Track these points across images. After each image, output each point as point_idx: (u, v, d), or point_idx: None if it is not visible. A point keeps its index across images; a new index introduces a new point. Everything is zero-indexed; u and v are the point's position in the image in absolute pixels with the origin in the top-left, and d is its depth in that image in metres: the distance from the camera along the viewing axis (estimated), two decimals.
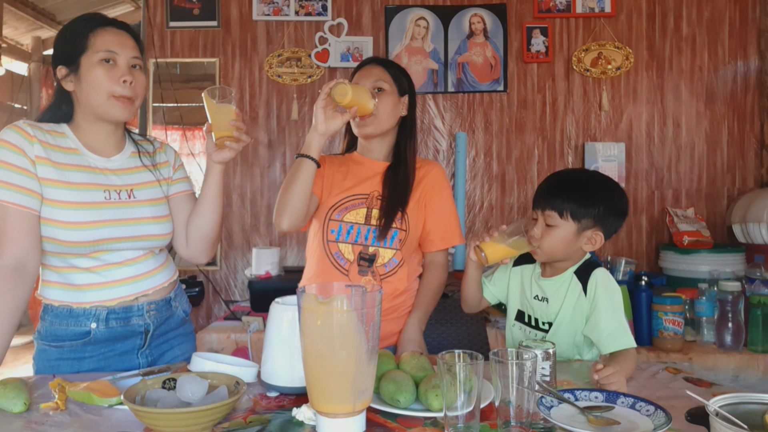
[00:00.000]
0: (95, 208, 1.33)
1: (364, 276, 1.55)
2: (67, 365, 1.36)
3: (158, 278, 1.45)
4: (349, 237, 1.56)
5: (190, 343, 1.58)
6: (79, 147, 1.37)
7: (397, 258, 1.57)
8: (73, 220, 1.30)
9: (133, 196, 1.40)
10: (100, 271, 1.36)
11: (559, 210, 1.40)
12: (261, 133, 3.15)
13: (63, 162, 1.33)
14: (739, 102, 3.13)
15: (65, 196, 1.31)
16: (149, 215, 1.41)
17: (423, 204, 1.62)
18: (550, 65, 3.13)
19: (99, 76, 1.32)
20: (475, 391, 0.93)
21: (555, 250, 1.43)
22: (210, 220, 1.48)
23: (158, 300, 1.45)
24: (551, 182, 1.48)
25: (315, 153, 1.46)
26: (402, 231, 1.57)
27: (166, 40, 3.13)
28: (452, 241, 1.65)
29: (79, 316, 1.36)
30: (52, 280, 1.37)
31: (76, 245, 1.31)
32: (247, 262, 3.12)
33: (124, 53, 1.34)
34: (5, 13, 4.90)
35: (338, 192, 1.60)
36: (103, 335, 1.37)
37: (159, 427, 0.94)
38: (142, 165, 1.47)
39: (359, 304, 0.90)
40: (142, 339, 1.43)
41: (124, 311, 1.39)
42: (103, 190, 1.36)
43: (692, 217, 3.02)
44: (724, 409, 0.83)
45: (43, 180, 1.30)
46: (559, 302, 1.45)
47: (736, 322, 2.29)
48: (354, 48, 3.08)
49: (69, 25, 1.37)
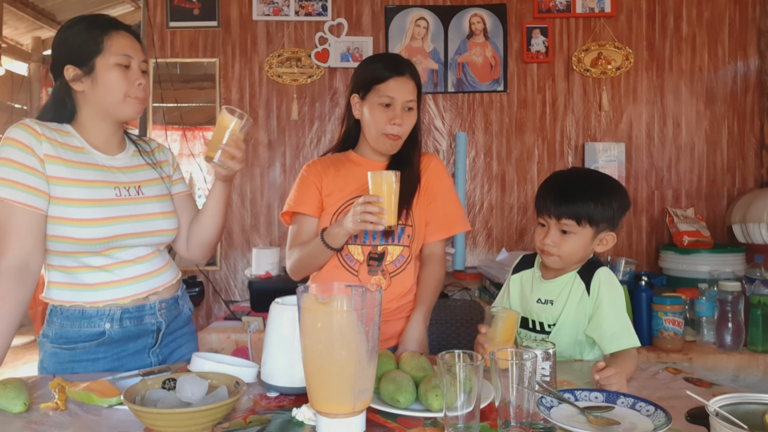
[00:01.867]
0: (107, 205, 1.34)
1: (374, 275, 1.55)
2: (81, 367, 1.36)
3: (166, 276, 1.48)
4: (357, 238, 1.55)
5: (194, 342, 1.61)
6: (84, 146, 1.38)
7: (405, 254, 1.57)
8: (87, 217, 1.31)
9: (141, 193, 1.42)
10: (112, 269, 1.37)
11: (577, 218, 1.37)
12: (261, 133, 3.15)
13: (73, 160, 1.34)
14: (739, 102, 3.13)
15: (77, 194, 1.31)
16: (158, 211, 1.44)
17: (426, 198, 1.61)
18: (550, 65, 3.13)
19: (116, 79, 1.34)
20: (475, 391, 0.93)
21: (573, 257, 1.41)
22: (211, 229, 1.51)
23: (168, 298, 1.47)
24: (560, 188, 1.42)
25: (339, 246, 1.50)
26: (408, 227, 1.57)
27: (166, 40, 3.13)
28: (453, 230, 1.62)
29: (92, 317, 1.36)
30: (61, 281, 1.37)
31: (90, 242, 1.31)
32: (247, 262, 3.12)
33: (137, 57, 1.38)
34: (5, 13, 4.90)
35: (341, 196, 1.59)
36: (117, 335, 1.38)
37: (159, 427, 0.94)
38: (145, 163, 1.49)
39: (359, 304, 0.90)
40: (153, 338, 1.44)
41: (137, 310, 1.40)
42: (114, 187, 1.37)
43: (692, 217, 3.02)
44: (724, 409, 0.83)
45: (52, 179, 1.30)
46: (562, 302, 1.44)
47: (736, 322, 2.29)
48: (354, 48, 3.08)
49: (76, 26, 1.36)
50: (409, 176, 1.57)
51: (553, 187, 1.43)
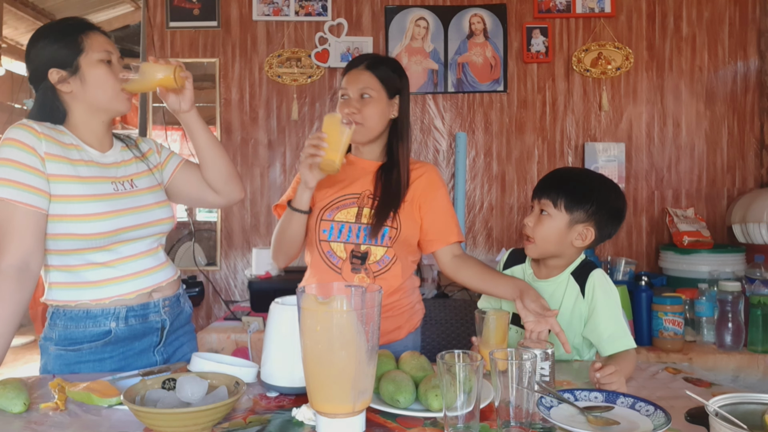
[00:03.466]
0: (107, 199, 1.36)
1: (357, 274, 1.55)
2: (88, 368, 1.36)
3: (167, 272, 1.50)
4: (341, 236, 1.56)
5: (194, 341, 1.63)
6: (79, 143, 1.39)
7: (390, 255, 1.57)
8: (89, 212, 1.32)
9: (135, 186, 1.45)
10: (116, 264, 1.38)
11: (554, 199, 1.42)
12: (261, 133, 3.15)
13: (72, 157, 1.35)
14: (739, 102, 3.13)
15: (77, 190, 1.32)
16: (152, 201, 1.47)
17: (416, 205, 1.61)
18: (550, 65, 3.13)
19: (104, 74, 1.37)
20: (475, 391, 0.93)
21: (546, 240, 1.43)
22: (220, 162, 1.55)
23: (171, 296, 1.50)
24: (552, 175, 1.52)
25: (306, 206, 1.53)
26: (393, 229, 1.56)
27: (166, 40, 3.13)
28: (449, 239, 1.62)
29: (98, 317, 1.36)
30: (64, 281, 1.37)
31: (94, 237, 1.33)
32: (247, 263, 3.12)
33: (115, 53, 1.42)
34: (5, 13, 4.90)
35: (330, 193, 1.60)
36: (123, 333, 1.39)
37: (159, 427, 0.94)
38: (133, 156, 1.51)
39: (359, 304, 0.90)
40: (158, 336, 1.46)
41: (142, 308, 1.42)
42: (111, 182, 1.40)
43: (692, 217, 3.02)
44: (724, 409, 0.84)
45: (53, 176, 1.30)
46: (556, 304, 1.44)
47: (736, 322, 2.29)
48: (354, 48, 3.08)
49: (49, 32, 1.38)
50: (396, 175, 1.59)
51: (549, 174, 1.52)
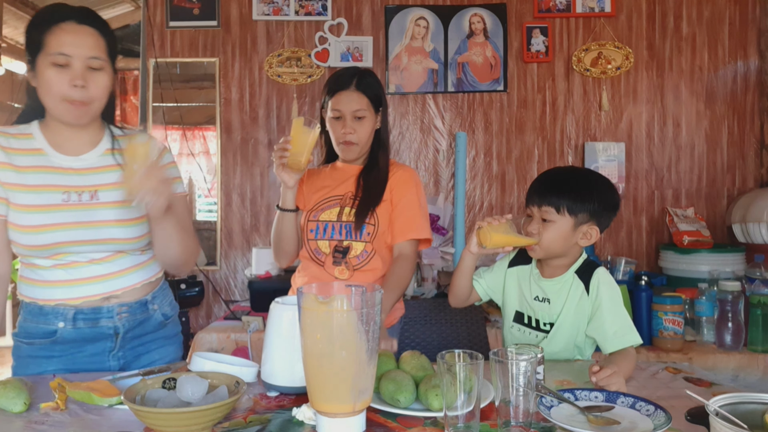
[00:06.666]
0: (52, 210, 1.29)
1: (337, 266, 1.64)
2: (36, 363, 1.35)
3: (131, 278, 1.39)
4: (326, 234, 1.67)
5: (172, 346, 1.51)
6: (44, 147, 1.33)
7: (368, 249, 1.66)
8: (30, 223, 1.28)
9: (96, 198, 1.33)
10: (66, 267, 1.33)
11: (556, 206, 1.41)
12: (261, 132, 3.15)
13: (23, 165, 1.31)
14: (739, 102, 3.13)
15: (23, 200, 1.29)
16: (112, 218, 1.32)
17: (390, 201, 1.70)
18: (550, 65, 3.12)
19: (49, 79, 1.25)
20: (475, 391, 0.93)
21: (553, 246, 1.43)
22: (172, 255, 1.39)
23: (131, 302, 1.39)
24: (546, 179, 1.50)
25: (292, 204, 1.65)
26: (370, 225, 1.66)
27: (166, 40, 3.13)
28: (409, 234, 1.68)
29: (48, 315, 1.34)
30: (26, 276, 1.37)
31: (33, 248, 1.30)
32: (247, 262, 3.12)
33: (79, 54, 1.24)
34: (5, 13, 4.90)
35: (318, 197, 1.72)
36: (71, 335, 1.35)
37: (159, 427, 0.94)
38: (114, 164, 1.37)
39: (359, 304, 0.90)
40: (112, 341, 1.38)
41: (92, 312, 1.35)
42: (63, 192, 1.30)
43: (692, 216, 3.02)
44: (724, 409, 0.84)
45: (5, 185, 1.29)
46: (561, 303, 1.44)
47: (736, 322, 2.29)
48: (354, 48, 3.08)
49: (32, 18, 1.29)
50: (376, 177, 1.69)
51: (540, 179, 1.51)
